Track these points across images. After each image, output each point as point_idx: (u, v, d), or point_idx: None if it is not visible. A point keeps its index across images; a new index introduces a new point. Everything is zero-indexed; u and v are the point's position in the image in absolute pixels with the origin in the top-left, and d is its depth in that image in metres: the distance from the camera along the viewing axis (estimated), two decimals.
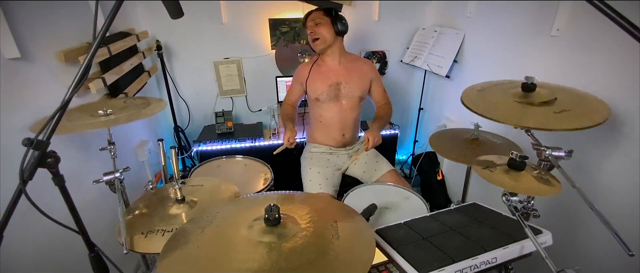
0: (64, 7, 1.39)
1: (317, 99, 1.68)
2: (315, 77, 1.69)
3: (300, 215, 0.83)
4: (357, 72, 1.70)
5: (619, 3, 0.61)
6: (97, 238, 0.90)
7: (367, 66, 1.76)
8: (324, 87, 1.66)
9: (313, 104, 1.75)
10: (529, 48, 1.61)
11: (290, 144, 1.58)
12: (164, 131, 2.63)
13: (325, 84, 1.66)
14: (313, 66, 1.71)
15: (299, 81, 1.74)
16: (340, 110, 1.70)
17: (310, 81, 1.69)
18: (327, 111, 1.71)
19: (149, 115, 1.21)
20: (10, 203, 0.64)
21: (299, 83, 1.75)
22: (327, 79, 1.67)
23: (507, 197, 0.85)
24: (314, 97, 1.69)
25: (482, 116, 1.02)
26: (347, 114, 1.72)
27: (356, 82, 1.69)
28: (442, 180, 2.41)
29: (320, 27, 1.61)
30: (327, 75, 1.68)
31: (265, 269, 0.65)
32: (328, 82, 1.66)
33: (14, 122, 1.06)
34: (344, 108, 1.70)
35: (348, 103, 1.70)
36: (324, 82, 1.67)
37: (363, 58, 1.87)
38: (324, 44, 1.62)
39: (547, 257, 0.71)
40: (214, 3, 2.28)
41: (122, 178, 1.09)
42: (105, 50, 1.54)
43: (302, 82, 1.72)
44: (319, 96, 1.67)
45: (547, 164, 0.97)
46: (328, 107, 1.69)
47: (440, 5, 2.43)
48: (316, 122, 1.78)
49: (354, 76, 1.69)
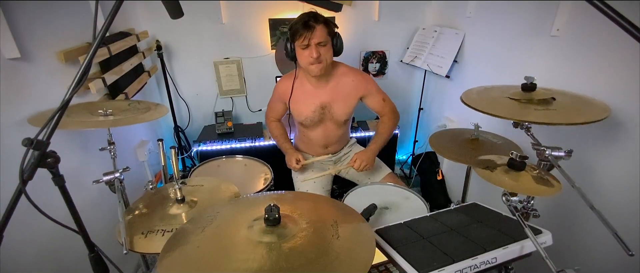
0: (64, 7, 1.39)
1: (302, 123, 1.59)
2: (298, 98, 1.54)
3: (300, 215, 0.83)
4: (342, 93, 1.53)
5: (619, 3, 0.61)
6: (97, 238, 0.90)
7: (354, 83, 1.53)
8: (308, 113, 1.54)
9: (298, 123, 1.65)
10: (529, 48, 1.61)
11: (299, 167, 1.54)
12: (164, 131, 2.63)
13: (309, 110, 1.54)
14: (295, 83, 1.52)
15: (281, 100, 1.60)
16: (324, 130, 1.61)
17: (293, 102, 1.54)
18: (311, 131, 1.62)
19: (150, 119, 1.21)
20: (10, 203, 0.64)
21: (280, 101, 1.60)
22: (310, 104, 1.53)
23: (507, 197, 0.85)
24: (298, 120, 1.60)
25: (482, 112, 1.02)
26: (332, 133, 1.63)
27: (341, 105, 1.54)
28: (442, 180, 2.41)
29: (325, 48, 1.38)
30: (311, 97, 1.53)
31: (265, 269, 0.65)
32: (312, 108, 1.53)
33: (13, 122, 1.06)
34: (329, 129, 1.61)
35: (333, 125, 1.60)
36: (308, 107, 1.53)
37: (354, 71, 1.57)
38: (325, 68, 1.42)
39: (547, 257, 0.71)
40: (214, 3, 2.28)
41: (122, 178, 1.09)
42: (105, 50, 1.54)
43: (282, 100, 1.59)
44: (303, 120, 1.57)
45: (547, 164, 0.97)
46: (312, 128, 1.61)
47: (440, 5, 2.43)
48: (300, 134, 1.71)
49: (338, 98, 1.53)
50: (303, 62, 1.42)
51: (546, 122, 0.97)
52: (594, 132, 1.29)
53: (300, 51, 1.40)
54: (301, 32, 1.35)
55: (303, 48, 1.38)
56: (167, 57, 2.39)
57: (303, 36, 1.35)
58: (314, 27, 1.35)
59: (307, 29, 1.34)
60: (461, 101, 1.14)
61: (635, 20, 0.56)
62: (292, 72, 1.57)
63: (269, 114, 1.70)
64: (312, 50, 1.36)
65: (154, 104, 1.37)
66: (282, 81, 1.59)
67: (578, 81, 1.36)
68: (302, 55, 1.40)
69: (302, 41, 1.36)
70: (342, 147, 1.78)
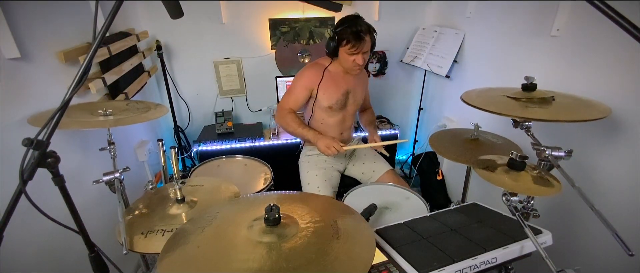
0: (64, 7, 1.39)
1: (330, 107, 1.63)
2: (328, 84, 1.60)
3: (300, 215, 0.83)
4: (361, 80, 1.72)
5: (619, 3, 0.61)
6: (97, 238, 0.90)
7: (363, 74, 1.77)
8: (338, 96, 1.62)
9: (319, 110, 1.68)
10: (529, 48, 1.61)
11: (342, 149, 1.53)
12: (164, 131, 2.63)
13: (338, 93, 1.62)
14: (325, 72, 1.60)
15: (308, 86, 1.61)
16: (343, 115, 1.71)
17: (323, 87, 1.60)
18: (332, 117, 1.69)
19: (150, 119, 1.21)
20: (10, 203, 0.64)
21: (307, 88, 1.61)
22: (339, 88, 1.62)
23: (507, 197, 0.85)
24: (326, 105, 1.63)
25: (482, 109, 1.02)
26: (348, 118, 1.75)
27: (360, 91, 1.71)
28: (442, 180, 2.41)
29: (367, 54, 1.53)
30: (340, 83, 1.62)
31: (265, 269, 0.65)
32: (341, 91, 1.62)
33: (13, 122, 1.06)
34: (348, 113, 1.72)
35: (352, 109, 1.72)
36: (337, 90, 1.62)
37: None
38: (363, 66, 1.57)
39: (547, 257, 0.71)
40: (214, 3, 2.28)
41: (122, 178, 1.09)
42: (105, 50, 1.54)
43: (312, 88, 1.61)
44: (332, 104, 1.62)
45: (547, 164, 0.97)
46: (335, 113, 1.68)
47: (440, 5, 2.43)
48: (316, 124, 1.74)
49: (359, 84, 1.70)
50: (347, 65, 1.55)
51: (546, 119, 0.97)
52: (594, 132, 1.29)
53: (345, 56, 1.51)
54: (353, 43, 1.45)
55: (350, 54, 1.49)
56: (167, 57, 2.39)
57: (355, 46, 1.46)
58: (364, 38, 1.46)
59: (359, 40, 1.45)
60: (462, 100, 1.14)
61: (635, 20, 0.56)
62: (316, 61, 1.67)
63: (286, 105, 1.66)
64: (359, 58, 1.50)
65: (154, 104, 1.37)
66: (309, 70, 1.63)
67: (578, 81, 1.36)
68: (348, 59, 1.52)
69: (350, 48, 1.47)
70: (351, 139, 1.87)
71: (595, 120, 0.94)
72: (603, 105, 1.03)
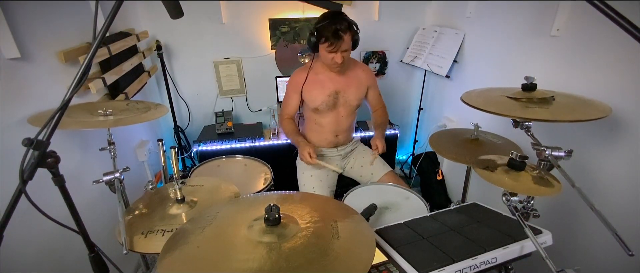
0: (64, 7, 1.39)
1: (317, 109, 1.62)
2: (312, 86, 1.60)
3: (300, 215, 0.83)
4: (355, 80, 1.65)
5: (619, 3, 0.61)
6: (97, 238, 0.90)
7: (364, 73, 1.69)
8: (323, 97, 1.59)
9: (309, 112, 1.69)
10: (529, 48, 1.61)
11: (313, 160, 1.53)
12: (164, 131, 2.63)
13: (323, 94, 1.59)
14: (309, 73, 1.60)
15: (295, 90, 1.64)
16: (336, 117, 1.67)
17: (307, 89, 1.61)
18: (323, 118, 1.67)
19: (150, 119, 1.21)
20: (10, 203, 0.64)
21: (295, 92, 1.64)
22: (325, 89, 1.59)
23: (507, 197, 0.85)
24: (312, 107, 1.63)
25: (482, 109, 1.02)
26: (343, 120, 1.69)
27: (354, 91, 1.64)
28: (442, 180, 2.41)
29: (347, 52, 1.49)
30: (325, 84, 1.60)
31: (265, 269, 0.65)
32: (326, 92, 1.59)
33: (13, 122, 1.06)
34: (340, 115, 1.67)
35: (345, 110, 1.67)
36: (323, 92, 1.59)
37: (361, 63, 1.77)
38: (344, 64, 1.53)
39: (547, 257, 0.71)
40: (214, 3, 2.28)
41: (122, 178, 1.09)
42: (105, 50, 1.54)
43: (298, 91, 1.63)
44: (318, 106, 1.61)
45: (547, 164, 0.97)
46: (325, 115, 1.65)
47: (440, 5, 2.43)
48: (311, 124, 1.74)
49: (352, 85, 1.63)
50: (326, 61, 1.53)
51: (546, 119, 0.97)
52: (594, 132, 1.29)
53: (325, 53, 1.49)
54: (331, 41, 1.43)
55: (328, 52, 1.47)
56: (167, 57, 2.39)
57: (332, 44, 1.43)
58: (342, 37, 1.43)
59: (336, 38, 1.42)
60: (462, 101, 1.14)
61: (635, 20, 0.56)
62: (306, 65, 1.67)
63: (284, 111, 1.72)
64: (338, 56, 1.47)
65: (153, 104, 1.37)
66: (296, 74, 1.66)
67: (578, 81, 1.36)
68: (327, 56, 1.49)
69: (328, 46, 1.45)
70: (349, 141, 1.82)
71: (595, 120, 0.94)
72: (603, 104, 1.03)
